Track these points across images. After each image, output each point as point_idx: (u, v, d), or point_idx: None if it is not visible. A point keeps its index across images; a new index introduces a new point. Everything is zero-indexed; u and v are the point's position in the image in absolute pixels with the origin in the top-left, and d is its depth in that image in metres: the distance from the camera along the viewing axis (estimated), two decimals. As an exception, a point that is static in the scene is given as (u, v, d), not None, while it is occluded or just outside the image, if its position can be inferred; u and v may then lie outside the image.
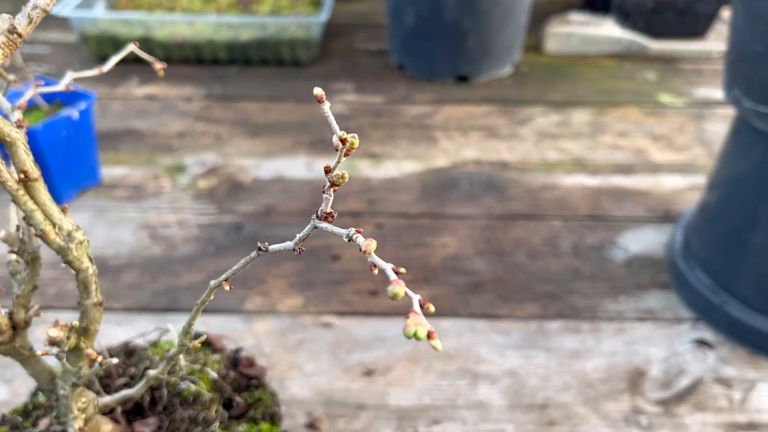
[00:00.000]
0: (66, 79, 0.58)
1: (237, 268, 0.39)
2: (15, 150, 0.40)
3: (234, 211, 1.15)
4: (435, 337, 0.25)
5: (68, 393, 0.46)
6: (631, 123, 1.38)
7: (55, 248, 0.42)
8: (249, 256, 0.38)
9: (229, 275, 0.39)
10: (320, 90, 0.29)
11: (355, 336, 0.93)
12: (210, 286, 0.41)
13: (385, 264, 0.29)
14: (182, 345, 0.44)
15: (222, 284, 0.39)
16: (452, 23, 1.45)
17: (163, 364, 0.47)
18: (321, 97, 0.29)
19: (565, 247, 1.08)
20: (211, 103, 1.44)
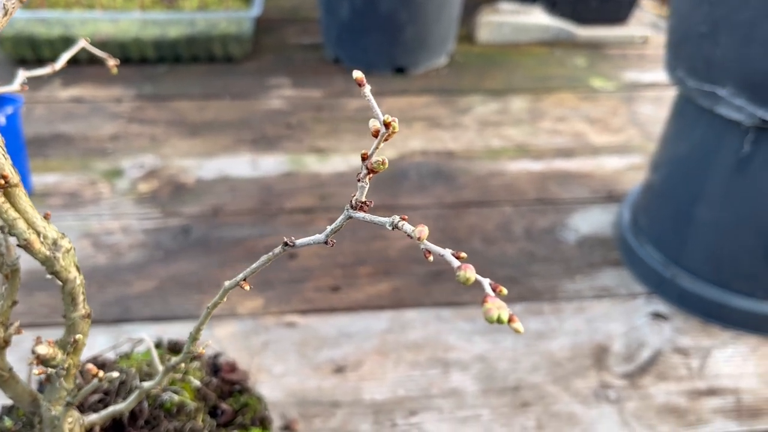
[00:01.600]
0: (19, 78, 0.53)
1: (257, 267, 0.37)
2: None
3: (179, 214, 1.10)
4: (516, 320, 0.24)
5: (61, 414, 0.42)
6: (567, 108, 1.42)
7: (40, 259, 0.39)
8: (272, 253, 0.36)
9: (247, 274, 0.37)
10: (360, 73, 0.28)
11: (321, 333, 0.91)
12: (224, 288, 0.39)
13: (442, 250, 0.28)
14: (188, 353, 0.42)
15: (240, 284, 0.37)
16: (388, 15, 1.44)
17: (160, 375, 0.44)
18: (361, 80, 0.28)
19: (518, 231, 1.09)
20: (143, 104, 1.38)
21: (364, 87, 0.28)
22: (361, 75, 0.28)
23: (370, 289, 0.98)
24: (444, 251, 0.28)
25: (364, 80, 0.28)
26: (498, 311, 0.24)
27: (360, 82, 0.28)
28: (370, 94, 0.29)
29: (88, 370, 0.38)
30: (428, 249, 0.28)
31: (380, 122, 0.29)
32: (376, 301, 0.96)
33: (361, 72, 1.03)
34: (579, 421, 0.80)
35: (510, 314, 0.24)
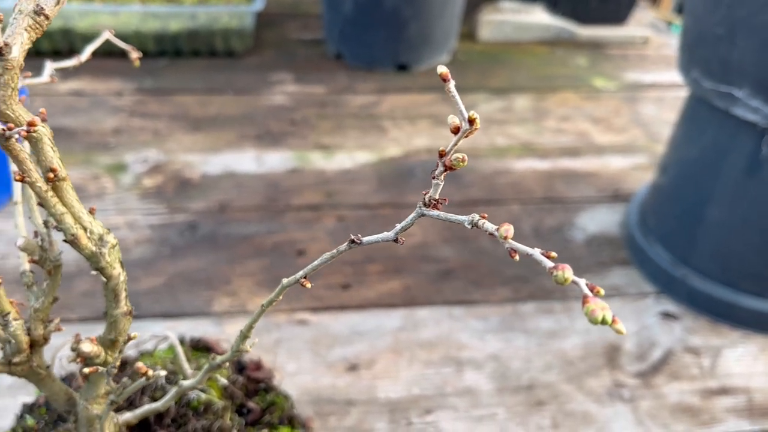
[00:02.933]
0: (47, 69, 0.52)
1: (318, 264, 0.36)
2: (41, 146, 0.36)
3: (186, 210, 1.09)
4: (618, 321, 0.24)
5: (104, 412, 0.41)
6: (571, 107, 1.42)
7: (86, 254, 0.38)
8: (336, 250, 0.35)
9: (308, 271, 0.36)
10: (445, 68, 0.27)
11: (333, 331, 0.90)
12: (282, 285, 0.38)
13: (530, 249, 0.27)
14: (237, 351, 0.41)
15: (301, 282, 0.36)
16: (392, 11, 1.43)
17: (201, 373, 0.43)
18: (446, 76, 0.27)
19: (526, 230, 1.09)
20: (145, 98, 1.37)
21: (448, 82, 0.28)
22: (446, 70, 0.27)
23: (381, 287, 0.97)
24: (533, 251, 0.27)
25: (449, 75, 0.28)
26: (602, 312, 0.24)
27: (445, 77, 0.27)
28: (454, 90, 0.28)
29: (138, 368, 0.37)
30: (514, 248, 0.28)
31: (464, 119, 0.28)
32: (387, 299, 0.96)
33: (364, 68, 1.03)
34: (594, 420, 0.80)
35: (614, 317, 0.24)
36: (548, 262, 0.26)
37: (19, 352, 0.39)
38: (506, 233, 0.27)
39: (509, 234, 0.27)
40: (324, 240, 1.05)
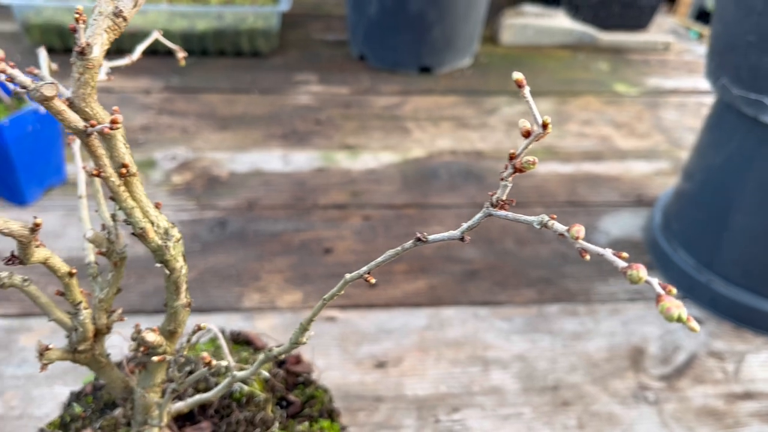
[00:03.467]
0: (104, 68, 0.54)
1: (383, 260, 0.38)
2: (115, 143, 0.37)
3: (215, 207, 1.11)
4: (692, 319, 0.25)
5: (166, 400, 0.43)
6: (593, 112, 1.43)
7: (153, 247, 0.39)
8: (401, 247, 0.37)
9: (372, 267, 0.38)
10: (520, 74, 0.29)
11: (361, 329, 0.92)
12: (345, 280, 0.40)
13: (601, 249, 0.28)
14: (296, 343, 0.43)
15: (365, 278, 0.38)
16: (417, 14, 1.45)
17: (256, 363, 0.45)
18: (522, 82, 0.28)
19: (550, 233, 1.10)
20: (172, 96, 1.38)
21: (524, 88, 0.29)
22: (521, 76, 0.29)
23: (407, 286, 0.99)
24: (604, 251, 0.28)
25: (524, 81, 0.29)
26: (678, 310, 0.25)
27: (520, 84, 0.29)
28: (529, 96, 0.29)
29: (202, 358, 0.39)
30: (585, 248, 0.29)
31: (538, 123, 0.30)
32: (413, 298, 0.97)
33: (387, 70, 1.04)
34: (619, 421, 0.81)
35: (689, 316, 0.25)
36: (621, 262, 0.27)
37: (84, 340, 0.41)
38: (577, 234, 0.28)
39: (580, 235, 0.29)
40: (351, 239, 1.06)
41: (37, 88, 0.32)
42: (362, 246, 1.05)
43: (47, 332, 0.88)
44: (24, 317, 0.90)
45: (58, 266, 0.37)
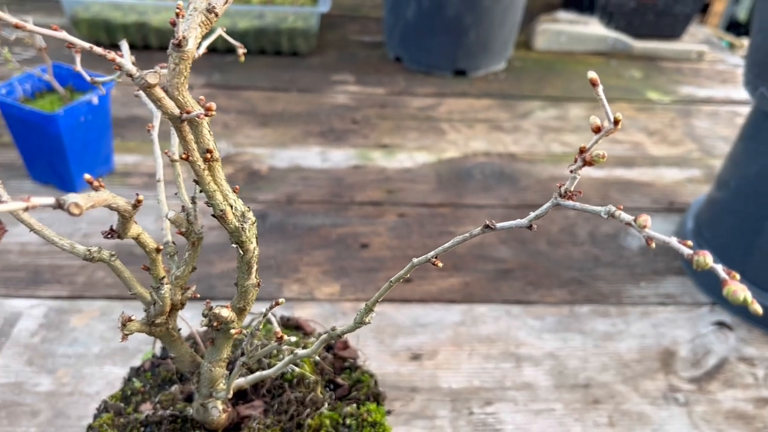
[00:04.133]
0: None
1: (450, 245, 0.40)
2: (201, 130, 0.40)
3: (255, 200, 1.14)
4: (755, 302, 0.27)
5: (235, 373, 0.46)
6: (625, 118, 1.45)
7: (231, 229, 0.42)
8: (469, 233, 0.39)
9: (439, 252, 0.40)
10: (594, 74, 0.31)
11: (397, 322, 0.94)
12: (411, 263, 0.42)
13: (666, 238, 0.31)
14: (360, 322, 0.45)
15: (432, 261, 0.40)
16: (454, 18, 1.47)
17: (317, 343, 0.48)
18: (596, 81, 0.31)
19: (582, 235, 1.12)
20: (214, 92, 1.42)
21: (598, 86, 0.31)
22: (595, 75, 0.31)
23: (442, 282, 1.01)
24: (669, 239, 0.31)
25: (598, 80, 0.31)
26: (743, 293, 0.27)
27: (594, 82, 0.31)
28: (602, 94, 0.32)
29: (275, 333, 0.42)
30: (651, 237, 0.31)
31: (609, 119, 0.32)
32: (447, 294, 0.99)
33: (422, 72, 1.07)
34: (649, 421, 0.83)
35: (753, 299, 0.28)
36: (686, 249, 0.30)
37: (161, 314, 0.44)
38: (645, 223, 0.31)
39: (648, 224, 0.31)
40: (386, 235, 1.09)
41: (142, 76, 0.35)
42: (397, 242, 1.08)
43: (97, 314, 0.92)
44: (74, 299, 0.94)
45: (148, 242, 0.40)
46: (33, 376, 0.83)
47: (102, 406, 0.59)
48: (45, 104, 1.07)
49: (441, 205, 1.16)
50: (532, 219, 0.37)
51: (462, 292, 1.00)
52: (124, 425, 0.57)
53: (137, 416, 0.58)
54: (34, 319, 0.90)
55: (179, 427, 0.57)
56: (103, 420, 0.57)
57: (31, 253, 1.01)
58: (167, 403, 0.59)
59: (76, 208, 0.28)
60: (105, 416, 0.58)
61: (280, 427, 0.58)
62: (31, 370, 0.84)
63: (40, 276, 0.97)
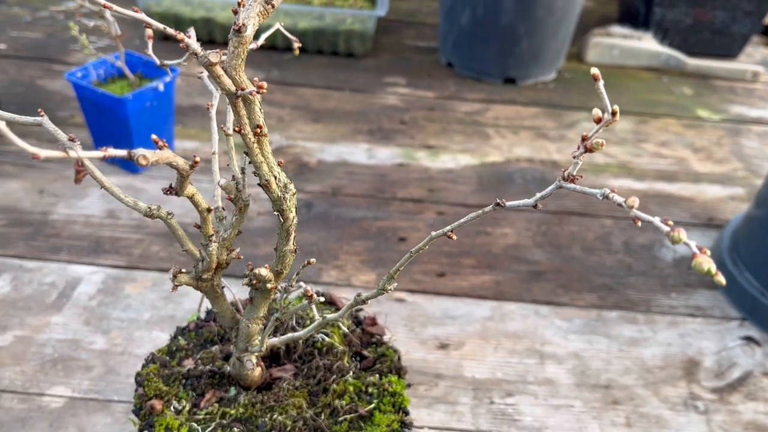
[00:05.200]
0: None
1: (465, 221, 0.45)
2: (253, 107, 0.45)
3: (302, 190, 1.20)
4: (719, 274, 0.31)
5: (269, 327, 0.51)
6: (672, 134, 1.45)
7: (274, 197, 0.48)
8: (482, 211, 0.44)
9: (454, 227, 0.45)
10: (596, 70, 0.35)
11: (428, 312, 0.99)
12: (430, 236, 0.47)
13: (651, 217, 0.34)
14: (382, 289, 0.50)
15: (448, 235, 0.45)
16: (507, 27, 1.51)
17: (344, 308, 0.52)
18: (597, 76, 0.35)
19: (617, 244, 1.14)
20: (271, 87, 1.49)
21: (599, 81, 0.35)
22: (597, 71, 0.35)
23: (474, 279, 1.05)
24: (653, 218, 0.34)
25: (599, 75, 0.35)
26: (708, 264, 0.31)
27: (596, 77, 0.35)
28: (603, 89, 0.36)
29: (306, 291, 0.47)
30: (638, 216, 0.35)
31: (608, 111, 0.36)
32: (478, 290, 1.03)
33: (472, 78, 1.12)
34: (667, 425, 0.85)
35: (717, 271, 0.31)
36: (665, 227, 0.33)
37: (208, 270, 0.50)
38: (633, 203, 0.34)
39: (635, 204, 0.35)
40: (424, 230, 1.13)
41: (206, 55, 0.41)
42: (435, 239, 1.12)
43: (149, 284, 0.99)
44: (130, 269, 1.01)
45: (201, 202, 0.46)
46: (89, 335, 0.91)
47: (150, 357, 0.65)
48: (115, 89, 1.15)
49: (480, 206, 1.20)
50: (537, 199, 0.41)
51: (493, 290, 1.03)
52: (168, 376, 0.63)
53: (180, 369, 0.64)
54: (93, 285, 0.98)
55: (216, 381, 0.63)
56: (150, 369, 0.63)
57: (94, 224, 1.09)
58: (207, 360, 0.64)
59: (144, 159, 0.34)
60: (152, 366, 0.64)
61: (308, 389, 0.63)
62: (87, 329, 0.92)
63: (101, 246, 1.05)
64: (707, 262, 0.31)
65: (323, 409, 0.61)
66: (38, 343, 0.89)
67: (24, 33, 1.62)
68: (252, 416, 0.60)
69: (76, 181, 0.35)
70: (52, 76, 1.46)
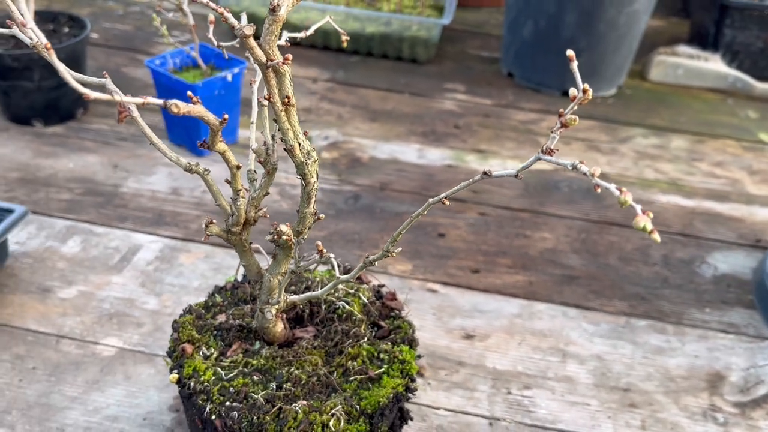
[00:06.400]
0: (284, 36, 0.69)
1: (456, 189, 0.49)
2: (283, 79, 0.52)
3: (352, 183, 1.26)
4: (656, 232, 0.35)
5: (285, 279, 0.57)
6: (729, 155, 1.44)
7: (297, 162, 0.53)
8: (472, 179, 0.48)
9: (448, 194, 0.50)
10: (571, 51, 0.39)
11: (458, 304, 1.03)
12: (428, 203, 0.52)
13: (608, 184, 0.38)
14: (386, 252, 0.55)
15: (442, 201, 0.49)
16: (568, 40, 1.53)
17: (355, 270, 0.58)
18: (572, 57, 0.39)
19: (656, 256, 1.15)
20: (335, 86, 1.57)
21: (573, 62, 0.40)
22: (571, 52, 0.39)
23: (507, 278, 1.08)
24: (609, 185, 0.38)
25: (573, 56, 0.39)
26: (644, 222, 0.35)
27: (570, 58, 0.39)
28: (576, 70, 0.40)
29: (316, 245, 0.52)
30: (598, 184, 0.39)
31: (578, 89, 0.40)
32: (510, 289, 1.06)
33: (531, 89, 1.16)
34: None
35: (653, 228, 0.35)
36: (617, 192, 0.37)
37: (237, 224, 0.56)
38: (594, 171, 0.38)
39: (596, 172, 0.38)
40: (464, 229, 1.17)
41: (241, 28, 0.47)
42: (473, 237, 1.16)
43: (202, 256, 1.07)
44: (186, 241, 1.10)
45: (231, 159, 0.52)
46: (143, 295, 0.99)
47: (188, 308, 0.72)
48: (188, 77, 1.25)
49: (522, 210, 1.23)
50: (519, 170, 0.45)
51: (525, 289, 1.06)
52: (201, 326, 0.70)
53: (212, 322, 0.70)
54: (152, 252, 1.07)
55: (244, 335, 0.70)
56: (186, 319, 0.70)
57: (159, 199, 1.18)
58: (238, 316, 0.71)
59: (176, 108, 0.40)
60: (188, 316, 0.71)
61: (325, 350, 0.68)
62: (142, 290, 1.00)
63: (162, 219, 1.14)
64: (644, 221, 0.35)
65: (336, 369, 0.66)
66: (98, 299, 0.98)
67: (115, 25, 1.76)
68: (271, 368, 0.65)
69: (119, 120, 0.42)
70: (135, 65, 1.58)
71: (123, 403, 0.84)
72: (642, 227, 0.35)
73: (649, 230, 0.35)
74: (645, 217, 0.35)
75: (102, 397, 0.85)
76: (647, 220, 0.35)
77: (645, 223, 0.35)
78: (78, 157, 1.27)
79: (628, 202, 0.36)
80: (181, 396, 0.66)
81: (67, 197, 1.17)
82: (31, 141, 1.30)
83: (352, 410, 0.62)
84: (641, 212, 0.36)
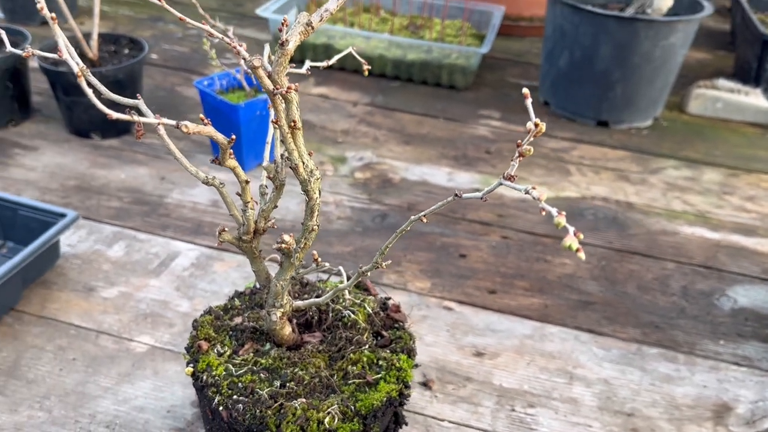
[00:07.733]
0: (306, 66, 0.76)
1: (435, 209, 0.54)
2: (290, 105, 0.58)
3: (381, 202, 1.32)
4: (582, 251, 0.39)
5: (287, 284, 0.63)
6: (762, 189, 1.44)
7: (300, 179, 0.59)
8: (446, 200, 0.53)
9: (428, 213, 0.55)
10: (526, 90, 0.44)
11: (471, 322, 1.06)
12: (410, 220, 0.57)
13: (550, 207, 0.43)
14: (375, 264, 0.60)
15: (422, 218, 0.54)
16: (602, 72, 1.56)
17: (352, 279, 0.63)
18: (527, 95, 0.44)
19: (674, 287, 1.16)
20: (373, 110, 1.64)
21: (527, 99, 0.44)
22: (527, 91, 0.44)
23: (523, 300, 1.11)
24: (551, 209, 0.43)
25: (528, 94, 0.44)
26: (571, 241, 0.39)
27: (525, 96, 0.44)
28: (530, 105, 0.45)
29: (313, 255, 0.58)
30: (543, 208, 0.43)
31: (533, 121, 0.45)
32: (525, 311, 1.09)
33: (566, 118, 1.22)
34: (682, 457, 0.87)
35: (579, 248, 0.39)
36: (554, 211, 0.41)
37: (247, 233, 0.62)
38: (539, 195, 0.43)
39: (542, 197, 0.43)
40: (485, 251, 1.21)
41: (250, 59, 0.54)
42: (493, 259, 1.20)
43: (234, 265, 1.14)
44: (221, 251, 1.17)
45: (241, 174, 0.59)
46: (176, 298, 1.07)
47: (208, 309, 0.79)
48: (233, 97, 1.33)
49: (545, 236, 1.26)
50: (485, 193, 0.50)
51: (539, 312, 1.09)
52: (219, 326, 0.76)
53: (229, 323, 0.77)
54: (188, 259, 1.15)
55: (257, 337, 0.76)
56: (205, 319, 0.77)
57: (199, 210, 1.27)
58: (253, 319, 0.77)
59: (185, 128, 0.47)
60: (207, 317, 0.77)
61: (329, 354, 0.74)
62: (176, 294, 1.08)
63: (201, 229, 1.22)
64: (570, 240, 0.39)
65: (337, 372, 0.71)
66: (136, 299, 1.06)
67: (174, 46, 1.88)
68: (278, 367, 0.71)
69: (137, 137, 0.48)
70: (188, 85, 1.69)
71: (150, 395, 0.91)
72: (568, 246, 0.39)
73: (575, 249, 0.39)
74: (573, 237, 0.39)
75: (132, 389, 0.92)
76: (574, 240, 0.39)
77: (571, 243, 0.39)
78: (130, 168, 1.37)
79: (562, 223, 0.41)
80: (194, 388, 0.72)
81: (117, 205, 1.27)
82: (89, 152, 1.41)
83: (348, 410, 0.67)
84: (573, 233, 0.40)
